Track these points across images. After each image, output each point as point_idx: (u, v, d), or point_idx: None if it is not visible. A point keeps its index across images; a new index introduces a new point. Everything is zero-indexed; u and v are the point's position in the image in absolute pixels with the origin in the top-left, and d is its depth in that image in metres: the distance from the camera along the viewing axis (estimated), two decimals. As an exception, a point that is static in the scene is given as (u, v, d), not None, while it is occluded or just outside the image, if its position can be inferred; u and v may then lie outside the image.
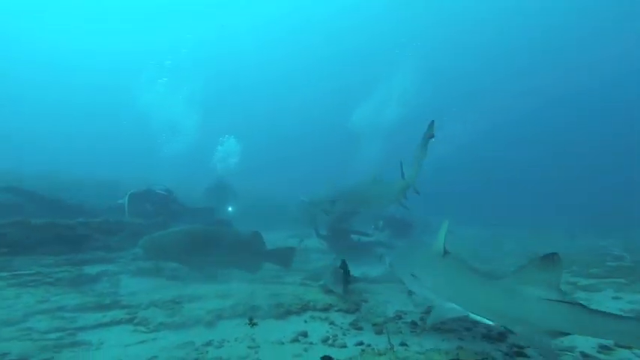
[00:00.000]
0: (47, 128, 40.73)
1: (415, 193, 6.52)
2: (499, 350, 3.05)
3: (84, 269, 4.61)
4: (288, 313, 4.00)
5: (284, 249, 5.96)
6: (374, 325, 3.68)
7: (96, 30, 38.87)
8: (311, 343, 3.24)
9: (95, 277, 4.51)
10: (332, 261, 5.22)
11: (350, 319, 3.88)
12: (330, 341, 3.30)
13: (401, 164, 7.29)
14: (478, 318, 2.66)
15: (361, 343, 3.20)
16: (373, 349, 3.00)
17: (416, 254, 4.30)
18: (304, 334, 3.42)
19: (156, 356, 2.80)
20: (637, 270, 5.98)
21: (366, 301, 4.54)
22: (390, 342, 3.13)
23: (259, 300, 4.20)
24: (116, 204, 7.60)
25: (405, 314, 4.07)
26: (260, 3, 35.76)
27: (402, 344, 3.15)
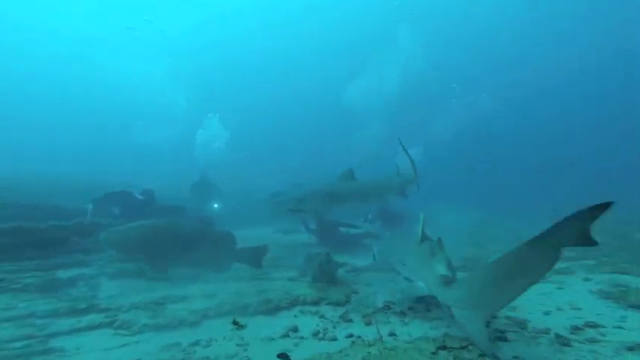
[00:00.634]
0: (22, 123, 38.17)
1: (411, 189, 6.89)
2: (483, 335, 3.14)
3: (56, 273, 4.33)
4: (277, 309, 3.96)
5: (254, 248, 5.60)
6: (363, 317, 3.70)
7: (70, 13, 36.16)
8: (302, 338, 3.21)
9: (69, 281, 4.24)
10: (315, 254, 5.18)
11: (340, 312, 3.88)
12: (321, 335, 3.29)
13: (397, 166, 7.59)
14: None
15: (351, 335, 3.20)
16: (363, 341, 3.01)
17: (398, 243, 4.76)
18: (294, 329, 3.39)
19: (140, 359, 2.67)
20: (604, 251, 6.32)
21: (357, 293, 4.56)
22: (379, 333, 3.14)
23: (247, 297, 4.13)
24: (85, 208, 7.22)
25: (394, 304, 4.11)
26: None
27: (391, 334, 3.18)
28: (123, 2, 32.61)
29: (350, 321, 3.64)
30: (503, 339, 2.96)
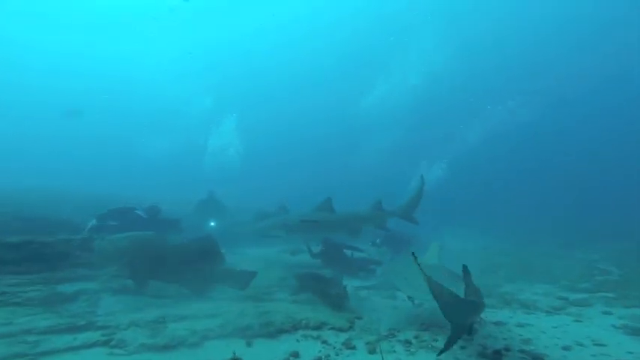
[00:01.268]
0: (33, 134, 39.25)
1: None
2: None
3: (59, 288, 4.30)
4: (279, 332, 3.81)
5: (242, 272, 5.29)
6: (367, 344, 3.54)
7: (92, 32, 38.30)
8: (302, 364, 3.06)
9: (71, 296, 4.19)
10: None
11: (343, 338, 3.72)
12: (323, 361, 3.13)
13: (379, 201, 7.75)
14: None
15: (355, 363, 3.04)
16: None
17: (407, 265, 4.75)
18: (295, 355, 3.25)
19: (132, 382, 2.57)
20: (624, 284, 6.03)
21: (360, 318, 4.39)
22: (385, 361, 2.98)
23: (249, 319, 3.99)
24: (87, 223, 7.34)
25: (399, 332, 3.93)
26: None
27: (397, 363, 3.00)
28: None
29: (353, 348, 3.48)
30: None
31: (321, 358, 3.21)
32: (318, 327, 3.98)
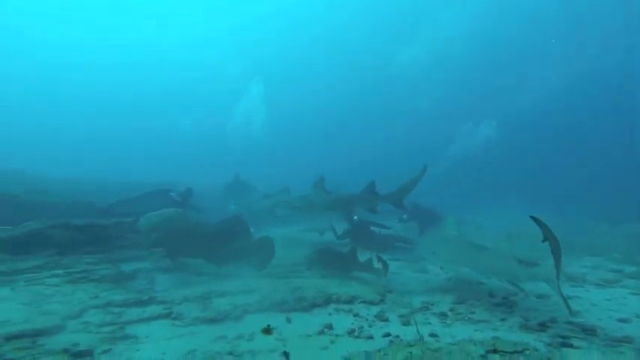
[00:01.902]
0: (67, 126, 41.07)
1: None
2: (540, 341, 2.96)
3: (121, 267, 4.94)
4: (312, 306, 4.09)
5: (262, 250, 5.58)
6: (400, 317, 3.67)
7: (110, 24, 39.12)
8: (337, 335, 3.30)
9: (131, 275, 4.82)
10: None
11: (375, 311, 3.90)
12: (356, 333, 3.35)
13: (373, 182, 7.68)
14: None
15: (388, 335, 3.22)
16: (402, 341, 2.99)
17: (436, 238, 5.78)
18: (329, 327, 3.49)
19: (195, 349, 2.99)
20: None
21: (391, 292, 4.55)
22: (420, 333, 3.12)
23: (282, 294, 4.30)
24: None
25: (432, 305, 4.02)
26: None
27: (432, 335, 3.14)
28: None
29: (386, 320, 3.64)
30: (568, 345, 2.76)
31: (355, 330, 3.40)
32: (349, 301, 4.22)
